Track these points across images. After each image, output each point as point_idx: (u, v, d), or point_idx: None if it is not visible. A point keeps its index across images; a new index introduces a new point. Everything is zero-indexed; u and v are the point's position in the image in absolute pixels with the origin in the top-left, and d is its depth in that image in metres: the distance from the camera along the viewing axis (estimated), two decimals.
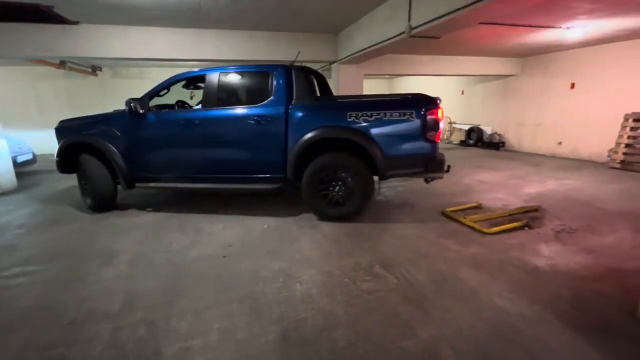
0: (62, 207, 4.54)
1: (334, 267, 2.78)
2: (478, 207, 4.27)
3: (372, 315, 2.14)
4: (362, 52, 5.85)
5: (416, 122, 3.48)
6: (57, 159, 4.19)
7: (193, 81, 4.47)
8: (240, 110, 3.83)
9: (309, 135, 3.59)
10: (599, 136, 7.53)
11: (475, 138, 10.63)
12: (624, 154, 6.80)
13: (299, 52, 5.05)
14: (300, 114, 3.66)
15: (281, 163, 3.77)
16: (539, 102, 9.04)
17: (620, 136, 6.93)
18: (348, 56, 6.47)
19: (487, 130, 10.48)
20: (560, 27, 5.81)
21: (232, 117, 3.82)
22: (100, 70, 10.26)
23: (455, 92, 11.93)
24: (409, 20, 4.27)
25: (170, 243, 3.28)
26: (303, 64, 4.65)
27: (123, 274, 2.70)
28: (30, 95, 10.24)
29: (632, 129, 6.79)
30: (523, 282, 2.50)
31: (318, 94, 4.01)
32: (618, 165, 6.82)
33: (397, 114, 3.49)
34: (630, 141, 6.78)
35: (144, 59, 6.36)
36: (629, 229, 3.54)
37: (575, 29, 5.89)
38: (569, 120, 8.28)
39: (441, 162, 3.65)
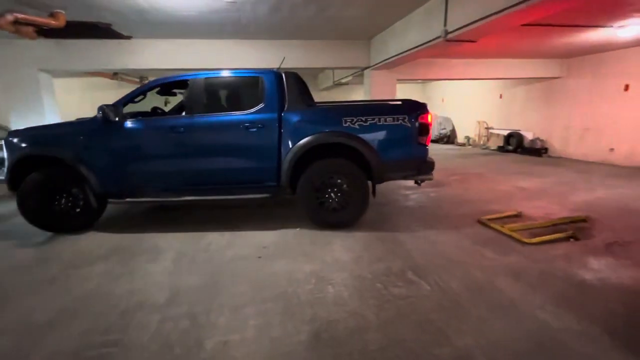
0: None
1: (365, 271, 2.79)
2: (517, 216, 4.08)
3: (404, 320, 2.13)
4: (396, 57, 5.84)
5: (409, 127, 3.53)
6: (7, 175, 3.58)
7: (169, 87, 4.27)
8: (229, 116, 3.68)
9: (305, 140, 3.51)
10: None
11: (514, 144, 10.12)
12: None
13: (284, 57, 4.90)
14: (294, 120, 3.57)
15: (274, 170, 3.64)
16: (587, 105, 8.45)
17: None
18: (381, 62, 6.48)
19: (528, 135, 9.94)
20: (611, 27, 5.43)
21: (221, 124, 3.64)
22: (147, 80, 11.09)
23: (493, 96, 11.47)
24: (445, 24, 4.22)
25: (209, 243, 3.47)
26: (335, 71, 4.70)
27: (168, 269, 2.90)
28: (87, 104, 11.29)
29: None
30: (568, 296, 2.36)
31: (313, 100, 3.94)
32: None
33: (391, 119, 3.52)
34: None
35: (191, 69, 6.82)
36: None
37: (629, 28, 5.47)
38: (622, 125, 7.65)
39: (432, 164, 3.74)
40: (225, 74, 3.85)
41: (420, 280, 2.62)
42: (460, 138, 13.14)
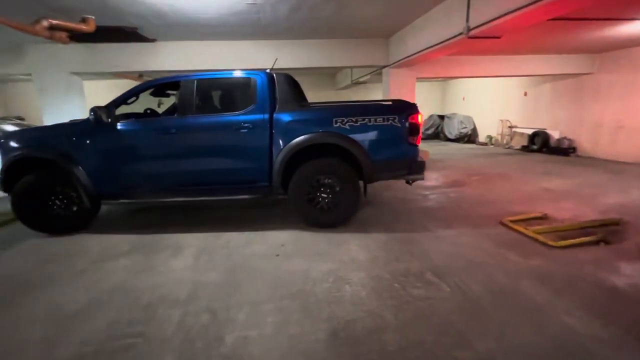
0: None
1: (383, 271, 2.77)
2: (543, 218, 3.92)
3: (423, 322, 2.09)
4: (415, 56, 5.75)
5: (399, 127, 3.55)
6: (1, 176, 3.62)
7: (162, 88, 4.30)
8: (221, 117, 3.73)
9: (296, 141, 3.52)
10: None
11: (539, 143, 9.74)
12: None
13: (277, 59, 4.89)
14: (285, 121, 3.58)
15: (266, 171, 3.66)
16: (620, 102, 8.02)
17: None
18: (400, 60, 6.40)
19: (555, 134, 9.54)
20: None
21: (213, 125, 3.67)
22: None
23: (517, 94, 11.08)
24: (467, 20, 4.11)
25: (228, 241, 3.54)
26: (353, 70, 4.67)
27: (189, 266, 2.98)
28: None
29: None
30: (598, 302, 2.25)
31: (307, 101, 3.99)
32: None
33: (381, 119, 3.53)
34: None
35: (211, 70, 6.98)
36: None
37: None
38: None
39: (422, 163, 3.74)
40: (217, 75, 3.88)
41: (440, 281, 2.57)
42: (481, 137, 12.77)
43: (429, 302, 2.30)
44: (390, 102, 3.84)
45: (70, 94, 6.68)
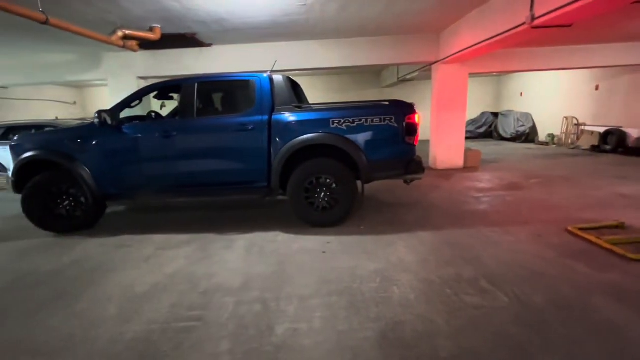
0: None
1: (432, 275, 2.67)
2: (619, 227, 3.50)
3: (478, 331, 1.99)
4: (469, 50, 5.44)
5: (396, 127, 3.58)
6: (13, 178, 3.82)
7: (165, 91, 4.41)
8: (221, 119, 3.90)
9: (294, 141, 3.58)
10: None
11: (614, 143, 8.69)
12: None
13: (276, 61, 4.86)
14: (283, 122, 3.64)
15: (265, 171, 3.72)
16: None
17: None
18: (452, 55, 6.10)
19: (633, 133, 8.44)
20: None
21: (213, 127, 3.79)
22: None
23: (586, 88, 9.99)
24: (531, 8, 3.80)
25: (277, 235, 3.66)
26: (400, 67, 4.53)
27: (241, 257, 3.14)
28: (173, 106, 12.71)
29: None
30: None
31: (308, 102, 4.02)
32: None
33: (378, 119, 3.56)
34: None
35: (261, 71, 7.26)
36: None
37: None
38: None
39: (420, 163, 3.74)
40: (217, 77, 4.04)
41: (496, 290, 2.42)
42: (542, 136, 11.73)
43: (484, 311, 2.18)
44: (387, 102, 3.83)
45: None
